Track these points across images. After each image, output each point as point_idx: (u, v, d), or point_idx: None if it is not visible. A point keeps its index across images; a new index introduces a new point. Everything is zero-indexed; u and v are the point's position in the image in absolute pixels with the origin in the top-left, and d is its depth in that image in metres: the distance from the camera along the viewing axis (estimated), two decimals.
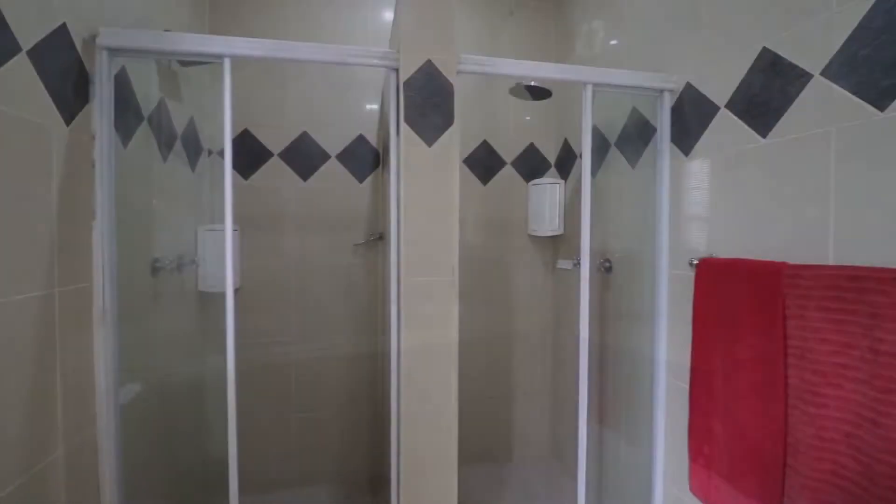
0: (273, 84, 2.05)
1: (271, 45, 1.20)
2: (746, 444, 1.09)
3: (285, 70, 2.05)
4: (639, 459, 1.59)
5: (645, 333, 1.56)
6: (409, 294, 1.22)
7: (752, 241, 1.19)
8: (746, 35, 1.22)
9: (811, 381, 0.94)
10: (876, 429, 0.83)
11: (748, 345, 1.09)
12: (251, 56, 1.20)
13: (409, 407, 1.25)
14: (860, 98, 0.95)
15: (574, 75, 1.42)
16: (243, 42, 1.19)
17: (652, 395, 1.50)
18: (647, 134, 1.60)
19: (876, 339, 0.83)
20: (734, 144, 1.25)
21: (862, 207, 0.94)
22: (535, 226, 2.24)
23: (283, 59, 1.24)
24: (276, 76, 2.05)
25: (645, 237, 1.57)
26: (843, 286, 0.89)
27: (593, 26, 2.03)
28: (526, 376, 2.34)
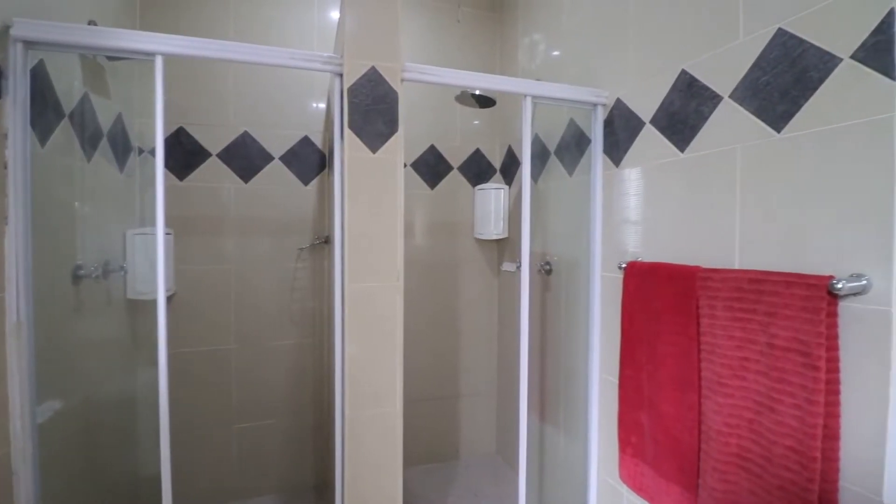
0: (212, 80, 1.97)
1: (207, 44, 1.17)
2: (667, 433, 1.19)
3: (225, 66, 1.98)
4: (576, 452, 1.68)
5: (581, 332, 1.65)
6: (353, 300, 1.23)
7: (672, 246, 1.30)
8: (668, 57, 1.33)
9: (720, 374, 1.04)
10: (772, 414, 0.94)
11: (668, 341, 1.19)
12: (185, 55, 1.16)
13: (354, 413, 1.25)
14: (761, 120, 1.08)
15: (514, 87, 1.48)
16: (176, 40, 1.14)
17: (587, 390, 1.60)
18: (582, 144, 1.70)
19: (771, 334, 0.95)
20: (658, 157, 1.36)
21: (761, 218, 1.06)
22: (481, 229, 2.30)
23: (220, 59, 1.20)
24: (216, 72, 1.97)
25: (580, 241, 1.67)
26: (745, 288, 1.00)
27: (534, 39, 2.12)
28: (472, 375, 2.40)
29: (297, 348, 2.09)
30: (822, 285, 0.86)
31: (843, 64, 0.92)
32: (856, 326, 0.88)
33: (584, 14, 1.72)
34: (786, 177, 1.01)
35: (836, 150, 0.92)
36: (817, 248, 0.95)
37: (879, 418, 0.84)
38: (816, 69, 0.97)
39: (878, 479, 0.84)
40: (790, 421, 0.90)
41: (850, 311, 0.88)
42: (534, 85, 1.49)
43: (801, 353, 0.89)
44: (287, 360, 2.08)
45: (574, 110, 1.72)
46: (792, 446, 0.90)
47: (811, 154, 0.97)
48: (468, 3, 2.37)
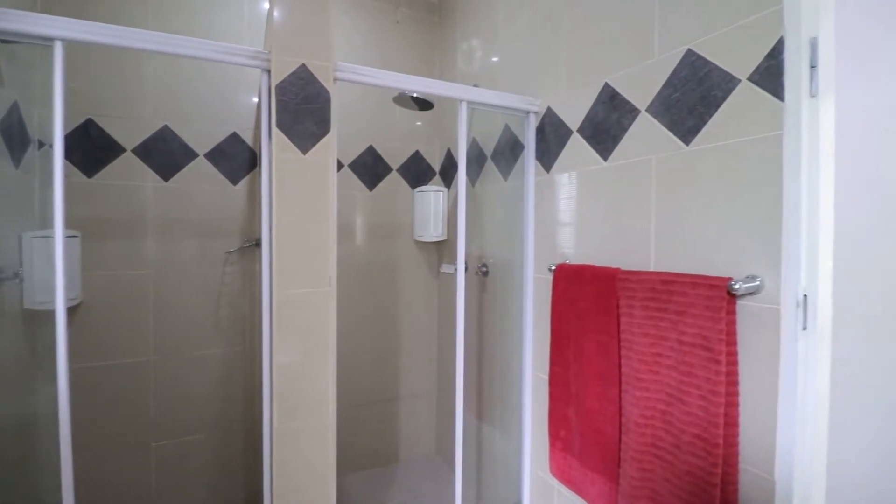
0: (128, 69, 1.81)
1: (114, 31, 1.07)
2: (591, 426, 1.25)
3: (143, 54, 1.82)
4: (511, 448, 1.73)
5: (515, 332, 1.70)
6: (282, 307, 1.18)
7: (597, 249, 1.37)
8: (593, 71, 1.40)
9: (637, 369, 1.11)
10: (682, 405, 1.02)
11: (592, 340, 1.25)
12: (87, 41, 1.05)
13: (283, 425, 1.20)
14: (672, 133, 1.16)
15: (450, 92, 1.50)
16: (78, 25, 1.04)
17: (520, 388, 1.65)
18: (516, 150, 1.75)
19: (680, 331, 1.02)
20: (584, 165, 1.43)
21: (673, 224, 1.15)
22: (421, 231, 2.31)
23: (129, 48, 1.10)
24: (132, 61, 1.81)
25: (515, 244, 1.71)
26: (658, 289, 1.08)
27: (472, 44, 2.15)
28: (412, 377, 2.39)
29: (226, 357, 1.97)
30: (723, 286, 0.95)
31: (742, 85, 1.02)
32: (751, 323, 0.97)
33: (519, 24, 1.77)
34: (693, 186, 1.10)
35: (735, 163, 1.02)
36: (719, 252, 1.04)
37: (771, 406, 0.94)
38: (719, 88, 1.06)
39: (770, 460, 0.94)
40: (697, 411, 0.98)
41: (746, 309, 0.98)
42: (469, 91, 1.52)
43: (705, 348, 0.97)
44: (215, 370, 1.96)
45: (509, 116, 1.77)
46: (698, 434, 0.98)
47: (715, 166, 1.06)
48: (407, 5, 2.37)
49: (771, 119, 0.96)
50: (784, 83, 0.94)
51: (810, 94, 0.92)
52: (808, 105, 0.92)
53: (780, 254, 0.93)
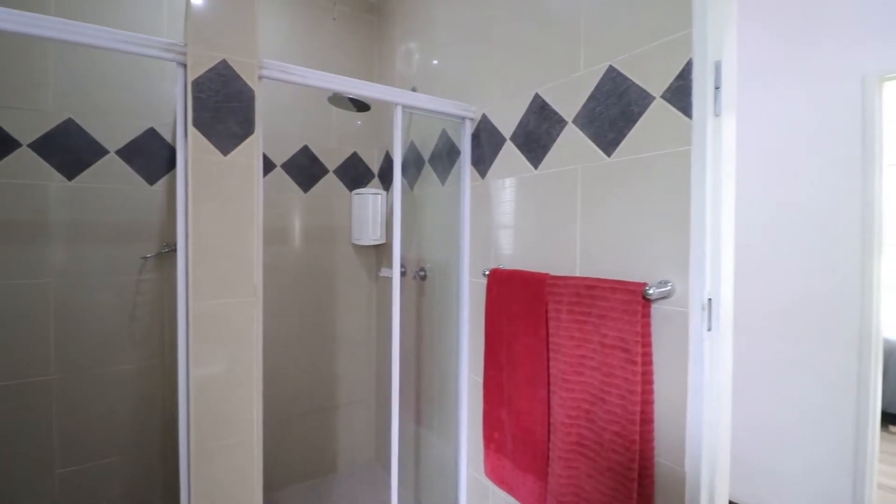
0: (24, 55, 1.62)
1: (5, 14, 0.95)
2: (523, 427, 1.28)
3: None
4: (448, 451, 1.74)
5: (452, 335, 1.71)
6: (199, 319, 1.10)
7: (528, 254, 1.41)
8: (525, 80, 1.44)
9: (563, 370, 1.16)
10: (604, 405, 1.07)
11: (523, 343, 1.29)
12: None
13: (203, 445, 1.12)
14: (596, 144, 1.22)
15: (384, 95, 1.47)
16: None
17: (457, 391, 1.66)
18: (453, 155, 1.76)
19: (602, 334, 1.07)
20: (517, 172, 1.47)
21: (596, 231, 1.20)
22: (359, 235, 2.26)
23: (25, 34, 0.98)
24: (30, 46, 1.62)
25: (452, 248, 1.72)
26: (582, 293, 1.12)
27: (411, 47, 2.14)
28: (351, 384, 2.34)
29: (144, 372, 1.82)
30: (639, 291, 1.00)
31: (656, 102, 1.08)
32: (665, 325, 1.04)
33: (455, 30, 1.78)
34: (614, 196, 1.16)
35: (650, 175, 1.08)
36: (637, 258, 1.10)
37: (682, 401, 1.01)
38: (637, 104, 1.12)
39: (681, 452, 1.01)
40: (616, 409, 1.03)
41: (660, 312, 1.04)
42: (404, 94, 1.50)
43: (623, 349, 1.02)
44: (131, 386, 1.80)
45: (446, 121, 1.78)
46: (618, 431, 1.03)
47: (632, 177, 1.12)
48: (345, 3, 2.31)
49: (681, 135, 1.03)
50: (692, 102, 1.01)
51: (714, 113, 1.00)
52: (713, 123, 0.99)
53: (688, 260, 1.00)
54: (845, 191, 1.79)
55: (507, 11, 1.52)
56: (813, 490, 1.87)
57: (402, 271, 2.11)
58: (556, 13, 1.34)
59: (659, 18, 1.08)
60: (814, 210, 1.87)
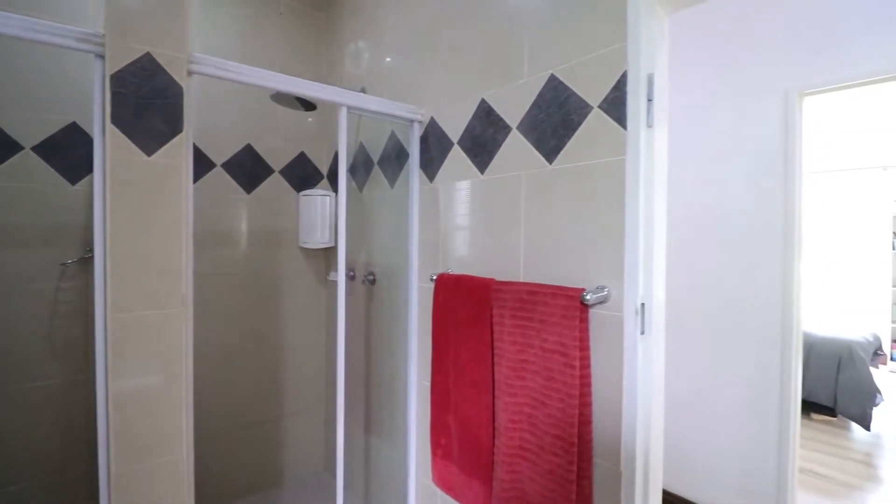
0: None
1: None
2: (469, 433, 1.28)
3: None
4: (397, 458, 1.71)
5: (401, 340, 1.69)
6: (120, 333, 1.02)
7: (475, 259, 1.41)
8: (471, 85, 1.44)
9: (507, 375, 1.16)
10: (545, 408, 1.08)
11: (469, 348, 1.29)
12: None
13: (124, 468, 1.04)
14: (538, 151, 1.23)
15: (329, 95, 1.43)
16: None
17: (406, 397, 1.64)
18: (402, 158, 1.73)
19: (543, 339, 1.09)
20: (464, 177, 1.47)
21: (538, 237, 1.22)
22: (307, 238, 2.19)
23: None
24: None
25: (401, 252, 1.70)
26: (525, 299, 1.13)
27: (360, 46, 2.09)
28: (298, 392, 2.26)
29: (65, 388, 1.67)
30: (577, 297, 1.02)
31: (594, 112, 1.11)
32: (602, 329, 1.07)
33: (403, 32, 1.76)
34: (555, 203, 1.18)
35: (589, 183, 1.11)
36: (577, 264, 1.12)
37: (617, 403, 1.04)
38: (576, 113, 1.15)
39: (618, 452, 1.04)
40: (557, 413, 1.05)
41: (598, 317, 1.07)
42: (350, 95, 1.46)
43: (563, 353, 1.04)
44: (53, 404, 1.64)
45: (395, 123, 1.75)
46: (558, 434, 1.05)
47: (572, 185, 1.14)
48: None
49: (616, 145, 1.06)
50: (627, 113, 1.04)
51: (647, 124, 1.04)
52: (646, 134, 1.03)
53: (623, 267, 1.03)
54: (769, 197, 1.92)
55: (453, 14, 1.51)
56: (741, 476, 1.99)
57: (350, 275, 2.07)
58: (501, 19, 1.35)
59: (596, 30, 1.11)
60: (741, 216, 2.00)
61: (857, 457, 2.70)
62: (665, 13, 1.09)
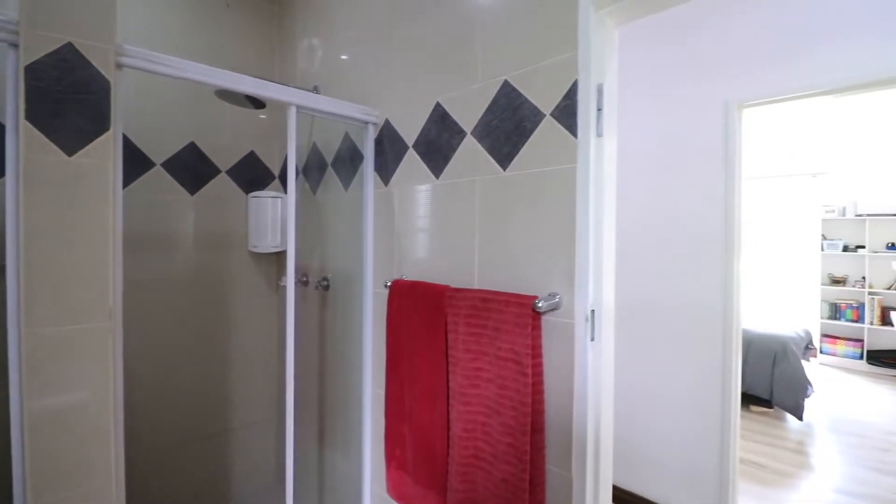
0: None
1: None
2: (423, 443, 1.26)
3: None
4: (352, 470, 1.67)
5: (356, 348, 1.64)
6: (36, 349, 0.92)
7: (430, 265, 1.39)
8: (427, 87, 1.42)
9: (461, 384, 1.15)
10: (498, 417, 1.08)
11: (423, 356, 1.26)
12: None
13: (45, 498, 0.94)
14: (492, 157, 1.23)
15: (277, 94, 1.37)
16: None
17: (361, 407, 1.59)
18: (356, 160, 1.69)
19: (497, 347, 1.08)
20: (419, 181, 1.44)
21: (493, 244, 1.22)
22: (256, 241, 2.09)
23: None
24: None
25: (355, 258, 1.66)
26: (479, 306, 1.13)
27: (313, 43, 2.02)
28: (249, 404, 2.16)
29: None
30: (529, 304, 1.02)
31: (546, 119, 1.12)
32: (555, 336, 1.07)
33: (357, 29, 1.72)
34: (509, 209, 1.18)
35: (541, 191, 1.11)
36: (530, 271, 1.13)
37: (569, 410, 1.05)
38: (529, 120, 1.15)
39: (569, 459, 1.05)
40: (510, 421, 1.05)
41: (550, 323, 1.08)
42: (298, 94, 1.41)
43: (516, 361, 1.04)
44: None
45: (349, 125, 1.70)
46: (511, 443, 1.04)
47: (525, 192, 1.15)
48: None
49: (568, 153, 1.07)
50: (577, 122, 1.06)
51: (597, 133, 1.05)
52: (595, 143, 1.05)
53: (573, 274, 1.04)
54: (711, 202, 2.02)
55: (408, 13, 1.49)
56: (687, 469, 2.08)
57: (303, 280, 2.00)
58: (456, 20, 1.34)
59: (548, 38, 1.11)
60: (686, 220, 2.09)
61: (791, 446, 2.89)
62: (614, 25, 1.11)
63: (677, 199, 2.13)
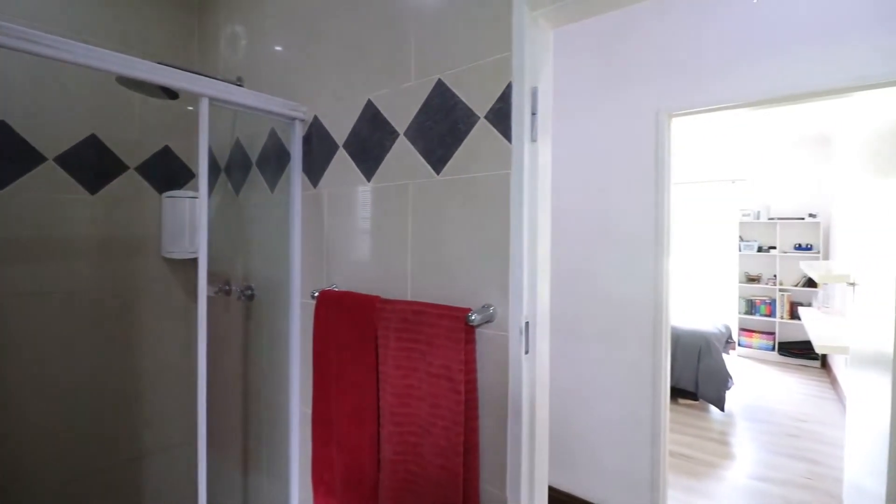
0: None
1: None
2: (353, 467, 1.17)
3: None
4: (279, 497, 1.54)
5: (282, 364, 1.52)
6: None
7: (362, 275, 1.30)
8: (358, 84, 1.33)
9: (392, 403, 1.08)
10: (430, 437, 1.01)
11: (353, 372, 1.18)
12: None
13: None
14: (426, 160, 1.16)
15: (185, 83, 1.22)
16: None
17: (288, 428, 1.47)
18: (283, 159, 1.56)
19: (429, 362, 1.02)
20: (350, 184, 1.35)
21: (426, 253, 1.15)
22: (172, 246, 1.89)
23: None
24: None
25: (282, 265, 1.53)
26: (410, 319, 1.06)
27: (237, 30, 1.86)
28: (165, 426, 1.95)
29: None
30: (462, 317, 0.97)
31: (480, 122, 1.06)
32: (489, 349, 1.02)
33: (285, 17, 1.59)
34: (443, 216, 1.12)
35: (476, 197, 1.06)
36: (464, 282, 1.07)
37: (502, 427, 1.00)
38: (463, 122, 1.09)
39: (503, 478, 1.00)
40: (441, 441, 0.99)
41: (485, 336, 1.03)
42: (212, 84, 1.26)
43: (448, 378, 0.98)
44: None
45: (275, 121, 1.57)
46: (443, 464, 0.98)
47: (460, 197, 1.09)
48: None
49: (502, 158, 1.02)
50: (512, 126, 1.01)
51: (531, 138, 1.01)
52: (530, 149, 1.01)
53: (507, 285, 0.99)
54: (643, 206, 2.09)
55: (341, 5, 1.39)
56: (620, 465, 2.14)
57: (225, 289, 1.83)
58: (389, 15, 1.26)
59: (482, 38, 1.06)
60: (620, 223, 2.14)
61: (714, 436, 3.08)
62: (549, 27, 1.08)
63: (610, 202, 2.18)
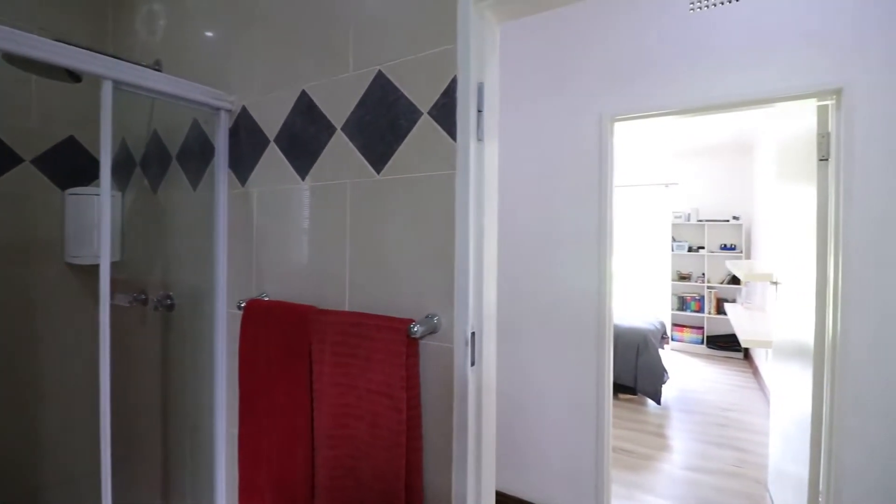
0: None
1: None
2: (284, 493, 1.06)
3: None
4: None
5: (206, 381, 1.37)
6: None
7: (295, 283, 1.19)
8: (291, 73, 1.22)
9: (327, 425, 0.98)
10: (369, 460, 0.93)
11: (284, 390, 1.07)
12: None
13: None
14: (365, 158, 1.08)
15: (82, 63, 1.05)
16: None
17: (212, 451, 1.33)
18: (207, 153, 1.41)
19: (368, 379, 0.93)
20: (281, 182, 1.23)
21: (366, 259, 1.06)
22: (77, 251, 1.66)
23: None
24: None
25: (205, 271, 1.38)
26: (348, 331, 0.97)
27: (154, 9, 1.67)
28: (69, 454, 1.72)
29: None
30: (404, 329, 0.89)
31: (423, 118, 0.99)
32: (433, 363, 0.96)
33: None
34: (384, 218, 1.04)
35: (419, 198, 0.99)
36: (407, 290, 1.00)
37: (448, 444, 0.94)
38: (405, 118, 1.02)
39: (448, 498, 0.94)
40: (382, 464, 0.91)
41: (429, 349, 0.96)
42: (116, 66, 1.10)
43: (388, 395, 0.90)
44: None
45: (198, 111, 1.41)
46: (384, 489, 0.90)
47: (402, 199, 1.01)
48: None
49: (446, 157, 0.96)
50: (457, 123, 0.95)
51: (478, 137, 0.96)
52: (476, 148, 0.95)
53: (452, 294, 0.93)
54: (587, 207, 2.11)
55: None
56: (567, 465, 2.15)
57: (141, 299, 1.64)
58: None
59: (426, 27, 0.99)
60: (566, 223, 2.16)
61: (652, 429, 3.21)
62: (496, 21, 1.03)
63: (555, 204, 2.18)
